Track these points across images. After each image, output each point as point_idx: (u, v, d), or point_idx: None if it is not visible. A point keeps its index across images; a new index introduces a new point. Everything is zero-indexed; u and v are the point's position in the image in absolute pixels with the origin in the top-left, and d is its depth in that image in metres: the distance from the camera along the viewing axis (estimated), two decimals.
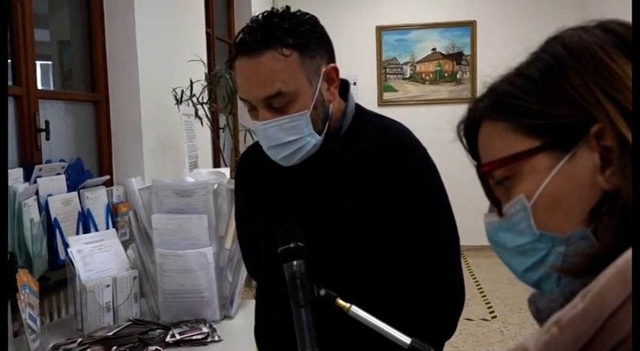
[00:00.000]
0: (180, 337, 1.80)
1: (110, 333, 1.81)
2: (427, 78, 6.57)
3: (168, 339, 1.79)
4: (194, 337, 1.81)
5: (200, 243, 1.95)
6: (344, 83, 1.33)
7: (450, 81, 6.53)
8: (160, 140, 3.10)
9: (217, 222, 2.00)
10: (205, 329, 1.86)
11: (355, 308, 1.04)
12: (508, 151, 0.62)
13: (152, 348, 1.74)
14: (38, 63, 2.47)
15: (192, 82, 3.23)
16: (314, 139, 1.24)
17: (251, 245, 1.48)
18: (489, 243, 0.66)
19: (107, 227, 2.39)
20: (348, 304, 1.05)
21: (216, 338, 1.83)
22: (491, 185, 0.64)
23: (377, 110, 1.39)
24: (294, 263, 1.08)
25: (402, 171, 1.26)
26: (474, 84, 6.39)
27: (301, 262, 1.08)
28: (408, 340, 0.99)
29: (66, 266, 2.02)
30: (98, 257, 2.00)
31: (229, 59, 1.29)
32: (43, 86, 2.65)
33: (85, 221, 2.31)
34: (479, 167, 0.65)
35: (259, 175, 1.40)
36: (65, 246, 2.06)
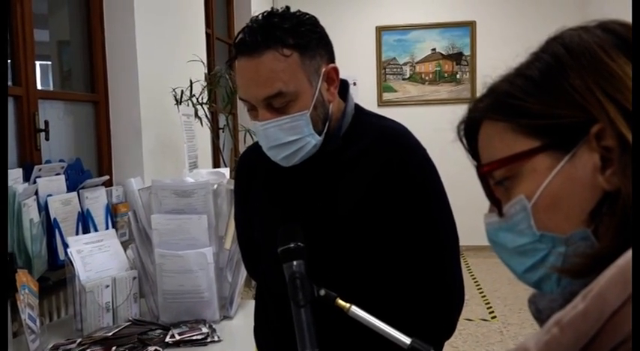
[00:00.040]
0: (179, 338, 1.80)
1: (110, 333, 1.81)
2: (427, 78, 6.57)
3: (167, 339, 1.79)
4: (194, 338, 1.81)
5: (200, 243, 1.95)
6: (343, 83, 1.33)
7: (450, 81, 6.53)
8: (160, 140, 3.10)
9: (217, 222, 2.00)
10: (205, 329, 1.86)
11: (355, 308, 1.04)
12: (508, 152, 0.61)
13: (151, 348, 1.74)
14: (38, 63, 2.47)
15: (191, 83, 3.23)
16: (314, 140, 1.24)
17: (250, 245, 1.48)
18: (489, 243, 0.66)
19: (107, 227, 2.39)
20: (348, 305, 1.05)
21: (215, 338, 1.83)
22: (491, 185, 0.64)
23: (376, 110, 1.38)
24: (294, 263, 1.08)
25: (402, 171, 1.26)
26: (474, 84, 6.39)
27: (301, 263, 1.08)
28: (408, 341, 0.99)
29: (65, 266, 2.02)
30: (98, 257, 2.00)
31: (229, 59, 1.29)
32: (43, 86, 2.64)
33: (85, 221, 2.31)
34: (479, 167, 0.65)
35: (259, 175, 1.40)
36: (65, 246, 2.05)
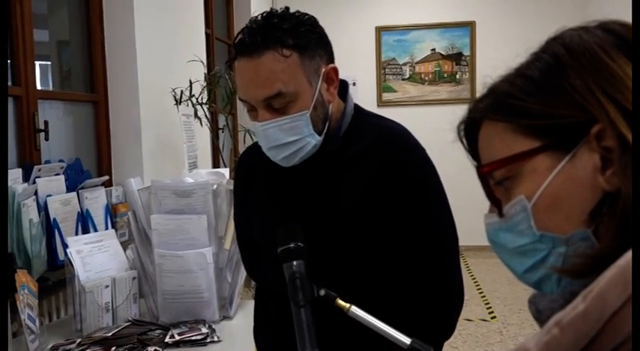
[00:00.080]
0: (179, 338, 1.80)
1: (109, 333, 1.81)
2: (426, 78, 6.57)
3: (167, 339, 1.79)
4: (193, 338, 1.81)
5: (199, 243, 1.95)
6: (343, 84, 1.33)
7: (450, 81, 6.53)
8: (159, 141, 3.10)
9: (216, 222, 2.00)
10: (204, 330, 1.86)
11: (355, 308, 1.04)
12: (508, 152, 0.61)
13: (151, 348, 1.74)
14: (37, 63, 2.47)
15: (191, 83, 3.22)
16: (314, 140, 1.24)
17: (250, 246, 1.47)
18: (489, 244, 0.66)
19: (106, 228, 2.39)
20: (348, 305, 1.05)
21: (215, 339, 1.83)
22: (491, 186, 0.64)
23: (376, 111, 1.38)
24: (294, 263, 1.08)
25: (401, 171, 1.26)
26: (474, 84, 6.39)
27: (301, 263, 1.08)
28: (408, 341, 0.98)
29: (65, 267, 2.02)
30: (97, 258, 2.00)
31: (229, 60, 1.29)
32: (42, 86, 2.64)
33: (84, 222, 2.31)
34: (479, 168, 0.65)
35: (258, 176, 1.40)
36: (64, 246, 2.05)
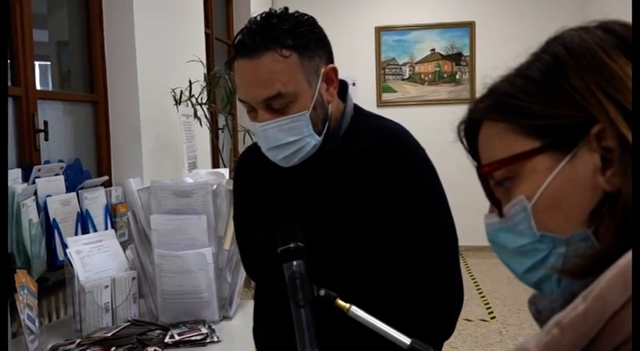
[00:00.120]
0: (179, 338, 1.80)
1: (109, 334, 1.81)
2: (426, 79, 6.57)
3: (167, 340, 1.79)
4: (193, 338, 1.81)
5: (199, 244, 1.95)
6: (342, 84, 1.33)
7: (449, 82, 6.53)
8: (159, 141, 3.10)
9: (216, 222, 2.00)
10: (204, 330, 1.86)
11: (355, 308, 1.04)
12: (508, 152, 0.61)
13: (151, 349, 1.74)
14: (37, 63, 2.47)
15: (191, 83, 3.22)
16: (313, 140, 1.24)
17: (249, 246, 1.47)
18: (490, 244, 0.66)
19: (106, 228, 2.39)
20: (348, 305, 1.05)
21: (215, 339, 1.83)
22: (491, 186, 0.64)
23: (376, 111, 1.38)
24: (293, 263, 1.08)
25: (401, 172, 1.26)
26: (473, 85, 6.39)
27: (301, 263, 1.08)
28: (408, 341, 0.98)
29: (64, 267, 2.02)
30: (97, 258, 2.00)
31: (228, 60, 1.29)
32: (42, 87, 2.64)
33: (84, 222, 2.31)
34: (479, 168, 0.65)
35: (258, 176, 1.40)
36: (64, 247, 2.05)
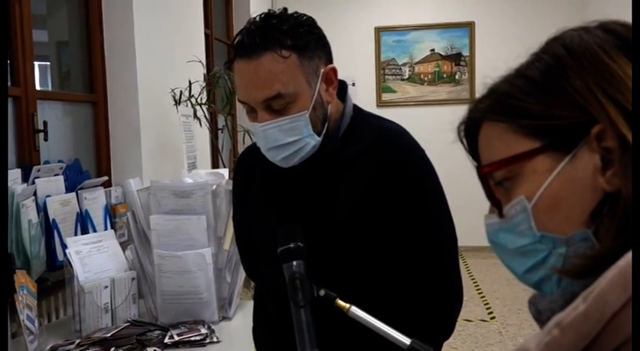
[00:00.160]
0: (178, 338, 1.80)
1: (108, 334, 1.81)
2: (426, 79, 6.57)
3: (166, 340, 1.79)
4: (192, 338, 1.81)
5: (198, 244, 1.95)
6: (342, 84, 1.33)
7: (449, 82, 6.53)
8: (159, 141, 3.10)
9: (216, 223, 2.00)
10: (204, 330, 1.86)
11: (355, 309, 1.04)
12: (509, 152, 0.61)
13: (150, 349, 1.74)
14: (36, 64, 2.47)
15: (190, 83, 3.22)
16: (313, 140, 1.24)
17: (249, 246, 1.47)
18: (490, 244, 0.66)
19: (105, 228, 2.38)
20: (348, 305, 1.05)
21: (214, 339, 1.83)
22: (491, 186, 0.64)
23: (375, 111, 1.38)
24: (293, 263, 1.08)
25: (400, 172, 1.26)
26: (473, 85, 6.39)
27: (301, 263, 1.08)
28: (408, 341, 0.98)
29: (64, 267, 2.01)
30: (96, 258, 2.00)
31: (227, 61, 1.29)
32: (42, 87, 2.64)
33: (84, 222, 2.31)
34: (479, 168, 0.65)
35: (257, 176, 1.40)
36: (63, 247, 2.05)
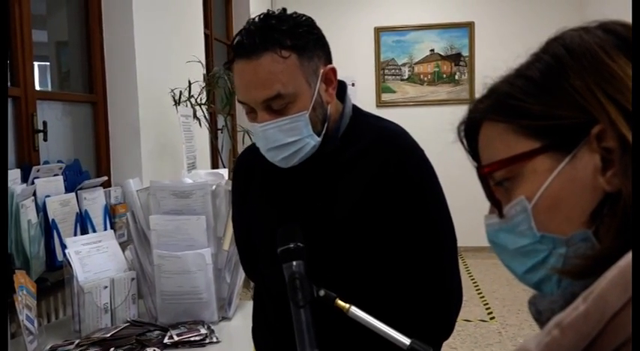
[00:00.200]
0: (178, 339, 1.79)
1: (108, 334, 1.81)
2: (425, 79, 6.57)
3: (166, 340, 1.79)
4: (192, 339, 1.80)
5: (198, 244, 1.95)
6: (341, 85, 1.33)
7: (449, 82, 6.53)
8: (158, 141, 3.10)
9: (215, 223, 2.00)
10: (203, 331, 1.85)
11: (354, 309, 1.04)
12: (509, 153, 0.61)
13: (150, 349, 1.74)
14: (36, 64, 2.47)
15: (190, 83, 3.22)
16: (313, 141, 1.24)
17: (248, 247, 1.47)
18: (490, 244, 0.66)
19: (105, 228, 2.38)
20: (348, 305, 1.04)
21: (214, 339, 1.83)
22: (491, 186, 0.64)
23: (375, 111, 1.38)
24: (293, 264, 1.08)
25: (399, 172, 1.26)
26: (472, 85, 6.40)
27: (301, 263, 1.08)
28: (408, 341, 0.98)
29: (63, 267, 2.01)
30: (96, 258, 1.99)
31: (227, 61, 1.28)
32: (41, 87, 2.64)
33: (83, 222, 2.31)
34: (479, 168, 0.65)
35: (257, 176, 1.40)
36: (63, 247, 2.05)
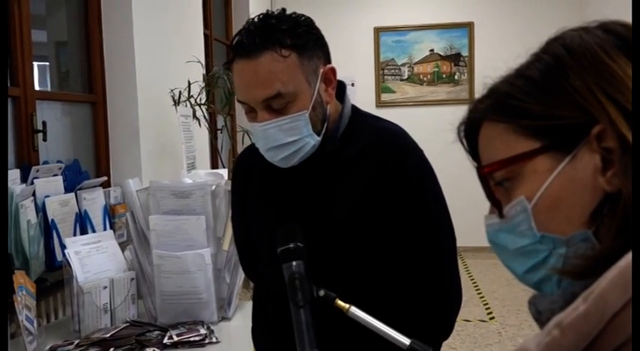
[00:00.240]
0: (177, 339, 1.79)
1: (107, 334, 1.81)
2: (425, 79, 6.57)
3: (165, 340, 1.79)
4: (192, 339, 1.80)
5: (198, 244, 1.95)
6: (340, 85, 1.33)
7: (448, 82, 6.53)
8: (158, 141, 3.10)
9: (215, 223, 2.00)
10: (203, 331, 1.85)
11: (354, 309, 1.04)
12: (509, 153, 0.61)
13: (149, 350, 1.73)
14: (35, 64, 2.47)
15: (189, 83, 3.22)
16: (313, 140, 1.24)
17: (248, 247, 1.47)
18: (490, 244, 0.66)
19: (104, 228, 2.38)
20: (348, 305, 1.04)
21: (213, 340, 1.83)
22: (491, 186, 0.64)
23: (375, 111, 1.38)
24: (293, 264, 1.08)
25: (398, 172, 1.26)
26: (472, 85, 6.40)
27: (300, 263, 1.08)
28: (407, 341, 0.98)
29: (63, 268, 2.01)
30: (95, 259, 1.99)
31: (227, 62, 1.28)
32: (41, 87, 2.64)
33: (83, 222, 2.30)
34: (479, 168, 0.65)
35: (256, 177, 1.39)
36: (62, 247, 2.05)
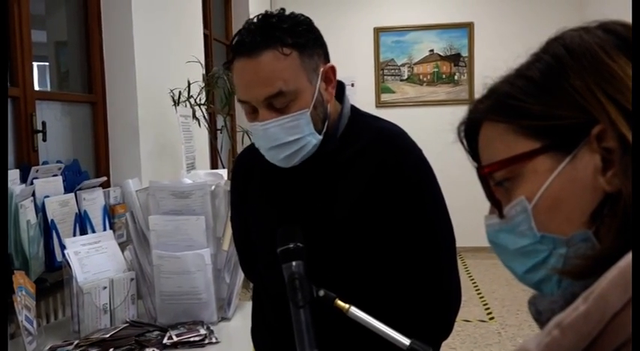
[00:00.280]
0: (177, 339, 1.79)
1: (107, 335, 1.81)
2: (425, 79, 6.57)
3: (165, 341, 1.79)
4: (191, 339, 1.80)
5: (197, 244, 1.95)
6: (339, 85, 1.33)
7: (448, 82, 6.53)
8: (158, 141, 3.10)
9: (215, 223, 2.00)
10: (203, 331, 1.85)
11: (354, 309, 1.04)
12: (509, 153, 0.61)
13: (149, 350, 1.73)
14: (35, 64, 2.46)
15: (189, 84, 3.22)
16: (314, 139, 1.24)
17: (247, 247, 1.47)
18: (490, 245, 0.66)
19: (104, 229, 2.38)
20: (347, 305, 1.04)
21: (213, 340, 1.83)
22: (491, 187, 0.64)
23: (374, 112, 1.38)
24: (293, 264, 1.08)
25: (397, 172, 1.26)
26: (472, 85, 6.40)
27: (300, 263, 1.08)
28: (407, 341, 0.98)
29: (62, 268, 2.01)
30: (95, 259, 1.99)
31: (227, 61, 1.28)
32: (40, 87, 2.64)
33: (82, 223, 2.30)
34: (479, 169, 0.65)
35: (256, 177, 1.39)
36: (62, 248, 2.05)
